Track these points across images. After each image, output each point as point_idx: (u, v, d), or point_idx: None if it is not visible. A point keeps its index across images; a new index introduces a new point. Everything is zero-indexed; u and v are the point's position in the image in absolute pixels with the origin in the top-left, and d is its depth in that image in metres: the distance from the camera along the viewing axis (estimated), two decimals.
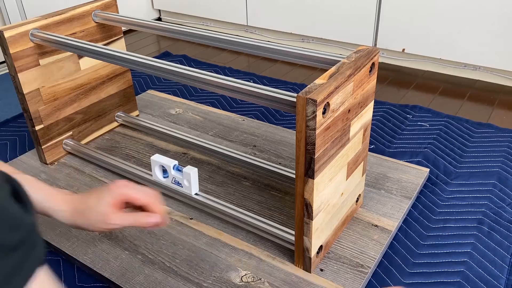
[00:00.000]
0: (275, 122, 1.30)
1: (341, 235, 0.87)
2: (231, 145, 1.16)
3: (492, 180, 1.03)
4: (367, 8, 1.61)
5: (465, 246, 0.86)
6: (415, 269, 0.82)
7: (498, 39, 1.43)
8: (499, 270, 0.82)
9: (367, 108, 0.80)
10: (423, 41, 1.56)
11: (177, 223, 0.91)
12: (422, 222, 0.92)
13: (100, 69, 1.15)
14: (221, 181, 1.02)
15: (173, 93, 1.47)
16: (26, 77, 1.00)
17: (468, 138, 1.20)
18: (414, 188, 0.98)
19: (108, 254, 0.85)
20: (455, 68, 1.59)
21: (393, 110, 1.34)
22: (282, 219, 0.91)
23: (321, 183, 0.70)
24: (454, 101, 1.42)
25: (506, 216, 0.93)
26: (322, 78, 0.67)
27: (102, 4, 1.10)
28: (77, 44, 0.91)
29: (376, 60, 0.76)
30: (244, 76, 1.60)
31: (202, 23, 2.11)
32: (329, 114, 0.66)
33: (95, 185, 1.02)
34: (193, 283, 0.78)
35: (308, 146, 0.65)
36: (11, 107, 1.44)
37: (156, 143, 1.18)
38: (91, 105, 1.16)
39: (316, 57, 0.79)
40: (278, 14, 1.82)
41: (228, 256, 0.83)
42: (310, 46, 1.83)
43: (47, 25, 1.00)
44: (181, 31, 0.95)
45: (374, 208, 0.93)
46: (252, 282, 0.78)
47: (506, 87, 1.50)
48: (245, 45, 0.87)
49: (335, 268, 0.80)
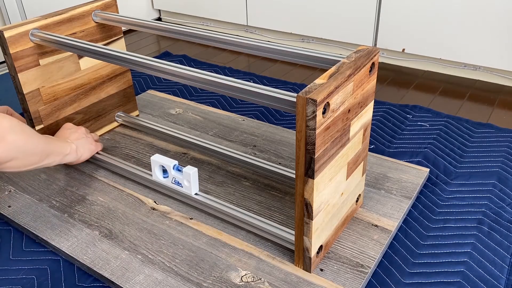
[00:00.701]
0: (275, 122, 1.30)
1: (341, 235, 0.87)
2: (231, 145, 1.16)
3: (492, 180, 1.03)
4: (367, 8, 1.61)
5: (465, 246, 0.86)
6: (415, 269, 0.82)
7: (498, 39, 1.43)
8: (499, 270, 0.82)
9: (367, 108, 0.80)
10: (423, 41, 1.56)
11: (177, 223, 0.91)
12: (422, 222, 0.92)
13: (100, 69, 1.15)
14: (221, 181, 1.02)
15: (173, 93, 1.47)
16: (26, 77, 1.00)
17: (468, 138, 1.20)
18: (414, 188, 0.98)
19: (108, 254, 0.85)
20: (455, 68, 1.59)
21: (393, 110, 1.34)
22: (282, 219, 0.91)
23: (321, 183, 0.70)
24: (454, 101, 1.42)
25: (506, 216, 0.93)
26: (322, 78, 0.67)
27: (102, 4, 1.10)
28: (77, 44, 0.91)
29: (376, 60, 0.76)
30: (244, 76, 1.60)
31: (202, 23, 2.11)
32: (329, 114, 0.66)
33: (95, 185, 1.03)
34: (193, 283, 0.78)
35: (308, 146, 0.65)
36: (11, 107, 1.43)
37: (156, 143, 1.18)
38: (91, 105, 1.16)
39: (316, 57, 0.79)
40: (278, 14, 1.82)
41: (228, 256, 0.83)
42: (310, 46, 1.83)
43: (47, 25, 1.00)
44: (181, 31, 0.95)
45: (374, 208, 0.93)
46: (252, 282, 0.78)
47: (506, 87, 1.50)
48: (245, 45, 0.87)
49: (335, 268, 0.80)
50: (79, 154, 0.99)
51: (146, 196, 0.99)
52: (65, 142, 0.97)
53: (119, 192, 1.00)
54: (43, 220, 0.93)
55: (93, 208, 0.96)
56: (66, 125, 1.05)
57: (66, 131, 1.02)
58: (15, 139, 0.76)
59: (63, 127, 1.05)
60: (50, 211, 0.96)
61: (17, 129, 0.76)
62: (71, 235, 0.89)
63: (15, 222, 0.93)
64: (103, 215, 0.94)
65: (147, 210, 0.95)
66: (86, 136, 1.04)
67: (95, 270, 0.82)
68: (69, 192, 1.01)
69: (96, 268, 0.82)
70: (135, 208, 0.96)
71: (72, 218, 0.94)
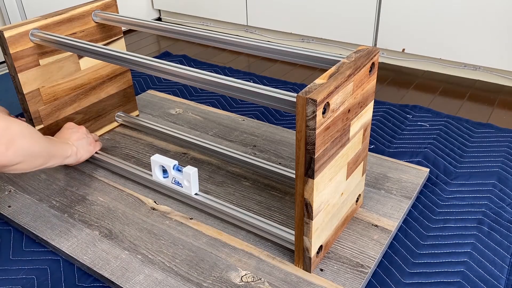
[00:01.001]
0: (275, 122, 1.30)
1: (341, 235, 0.87)
2: (231, 145, 1.16)
3: (492, 180, 1.03)
4: (367, 8, 1.61)
5: (465, 246, 0.86)
6: (415, 269, 0.82)
7: (498, 39, 1.43)
8: (499, 270, 0.82)
9: (367, 108, 0.80)
10: (423, 41, 1.56)
11: (177, 223, 0.91)
12: (422, 222, 0.92)
13: (100, 69, 1.15)
14: (221, 181, 1.03)
15: (173, 93, 1.47)
16: (26, 77, 1.00)
17: (468, 138, 1.20)
18: (414, 188, 0.98)
19: (108, 254, 0.85)
20: (455, 68, 1.59)
21: (393, 110, 1.34)
22: (282, 219, 0.91)
23: (321, 183, 0.70)
24: (454, 101, 1.42)
25: (506, 216, 0.93)
26: (322, 78, 0.67)
27: (102, 4, 1.10)
28: (77, 44, 0.91)
29: (376, 60, 0.76)
30: (244, 76, 1.60)
31: (202, 23, 2.11)
32: (329, 114, 0.66)
33: (95, 185, 1.03)
34: (193, 283, 0.78)
35: (308, 146, 0.65)
36: (11, 107, 1.44)
37: (156, 143, 1.18)
38: (91, 105, 1.16)
39: (316, 57, 0.79)
40: (278, 14, 1.82)
41: (228, 256, 0.83)
42: (310, 46, 1.83)
43: (47, 25, 1.00)
44: (181, 31, 0.95)
45: (374, 208, 0.93)
46: (252, 282, 0.78)
47: (506, 87, 1.50)
48: (245, 45, 0.87)
49: (335, 268, 0.80)
50: (79, 155, 1.00)
51: (146, 196, 0.99)
52: (66, 144, 0.97)
53: (119, 192, 1.00)
54: (43, 220, 0.93)
55: (93, 208, 0.96)
56: (68, 125, 1.05)
57: (67, 131, 1.03)
58: (24, 143, 0.77)
59: (65, 126, 1.05)
60: (50, 211, 0.96)
61: (26, 133, 0.78)
62: (71, 235, 0.89)
63: (15, 222, 0.93)
64: (103, 215, 0.94)
65: (147, 210, 0.95)
66: (86, 137, 1.05)
67: (95, 270, 0.82)
68: (69, 192, 1.01)
69: (96, 268, 0.82)
70: (135, 208, 0.96)
71: (72, 218, 0.94)
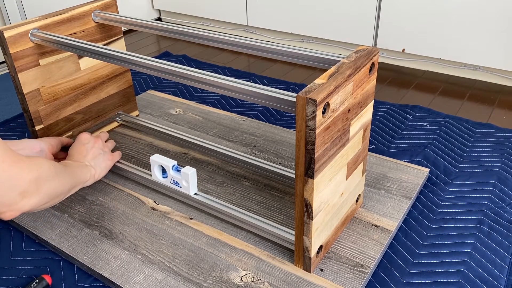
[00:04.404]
0: (275, 122, 1.30)
1: (341, 235, 0.87)
2: (231, 145, 1.16)
3: (492, 180, 1.03)
4: (367, 8, 1.61)
5: (465, 246, 0.86)
6: (415, 269, 0.82)
7: (498, 39, 1.43)
8: (499, 270, 0.82)
9: (367, 108, 0.80)
10: (423, 41, 1.56)
11: (177, 223, 0.91)
12: (422, 222, 0.92)
13: (100, 69, 1.15)
14: (221, 181, 1.03)
15: (173, 93, 1.47)
16: (26, 77, 1.00)
17: (468, 138, 1.20)
18: (414, 188, 0.98)
19: (108, 254, 0.85)
20: (455, 68, 1.59)
21: (393, 110, 1.34)
22: (282, 219, 0.91)
23: (321, 183, 0.70)
24: (454, 101, 1.42)
25: (506, 216, 0.93)
26: (322, 78, 0.67)
27: (102, 4, 1.10)
28: (77, 44, 0.91)
29: (376, 60, 0.76)
30: (244, 76, 1.60)
31: (202, 23, 2.11)
32: (329, 114, 0.66)
33: (95, 185, 1.02)
34: (193, 283, 0.78)
35: (308, 146, 0.65)
36: (11, 107, 1.44)
37: (156, 143, 1.18)
38: (91, 105, 1.16)
39: (316, 57, 0.79)
40: (278, 14, 1.82)
41: (228, 256, 0.83)
42: (310, 46, 1.83)
43: (47, 25, 1.00)
44: (181, 31, 0.95)
45: (374, 208, 0.93)
46: (252, 282, 0.78)
47: (506, 87, 1.50)
48: (245, 45, 0.87)
49: (335, 268, 0.80)
50: (96, 176, 0.94)
51: (146, 196, 0.99)
52: (84, 167, 0.90)
53: (119, 192, 1.00)
54: (43, 220, 0.93)
55: (93, 208, 0.96)
56: (83, 138, 0.95)
57: (83, 147, 0.94)
58: (49, 187, 0.74)
59: (79, 140, 0.95)
60: (50, 211, 0.96)
61: (50, 175, 0.74)
62: (71, 235, 0.89)
63: (15, 222, 0.93)
64: (103, 215, 0.94)
65: (147, 210, 0.95)
66: (103, 152, 0.97)
67: (95, 270, 0.82)
68: None
69: (96, 268, 0.82)
70: (135, 208, 0.96)
71: (72, 218, 0.94)
